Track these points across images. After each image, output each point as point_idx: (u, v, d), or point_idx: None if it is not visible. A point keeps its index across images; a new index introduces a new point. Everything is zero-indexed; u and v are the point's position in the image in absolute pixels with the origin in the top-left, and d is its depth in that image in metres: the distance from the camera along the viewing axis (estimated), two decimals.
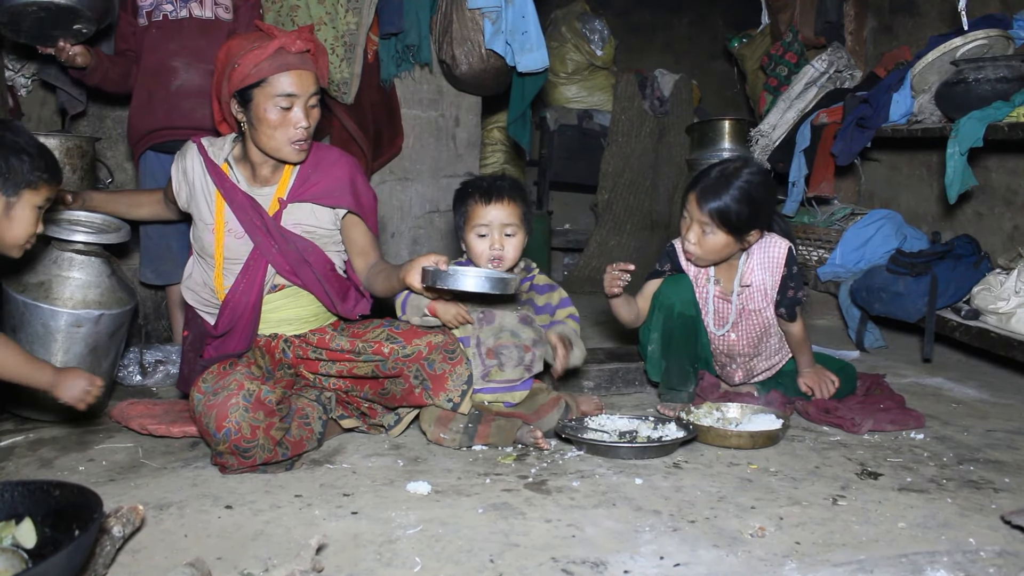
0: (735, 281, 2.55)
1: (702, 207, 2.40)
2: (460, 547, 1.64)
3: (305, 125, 2.18)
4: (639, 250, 5.25)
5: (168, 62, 2.94)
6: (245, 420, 2.00)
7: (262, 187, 2.30)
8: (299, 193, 2.28)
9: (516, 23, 3.49)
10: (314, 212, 2.30)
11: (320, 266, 2.30)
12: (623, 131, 5.24)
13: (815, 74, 4.23)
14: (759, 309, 2.54)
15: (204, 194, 2.29)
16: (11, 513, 1.44)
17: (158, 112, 2.94)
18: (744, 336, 2.58)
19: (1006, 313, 2.83)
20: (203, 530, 1.71)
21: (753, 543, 1.67)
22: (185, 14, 2.95)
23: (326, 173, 2.30)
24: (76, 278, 2.46)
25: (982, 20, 3.34)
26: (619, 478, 2.03)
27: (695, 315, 2.53)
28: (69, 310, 2.41)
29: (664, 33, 6.51)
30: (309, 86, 2.17)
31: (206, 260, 2.31)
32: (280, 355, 2.31)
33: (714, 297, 2.57)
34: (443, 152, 3.89)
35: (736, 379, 2.69)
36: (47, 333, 2.41)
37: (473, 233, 2.35)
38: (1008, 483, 2.01)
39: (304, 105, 2.17)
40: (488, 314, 2.37)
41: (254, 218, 2.25)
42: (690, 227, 2.47)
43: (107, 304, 2.48)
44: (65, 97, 3.40)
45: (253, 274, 2.26)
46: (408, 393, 2.26)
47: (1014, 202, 3.53)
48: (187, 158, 2.33)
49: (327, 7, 3.43)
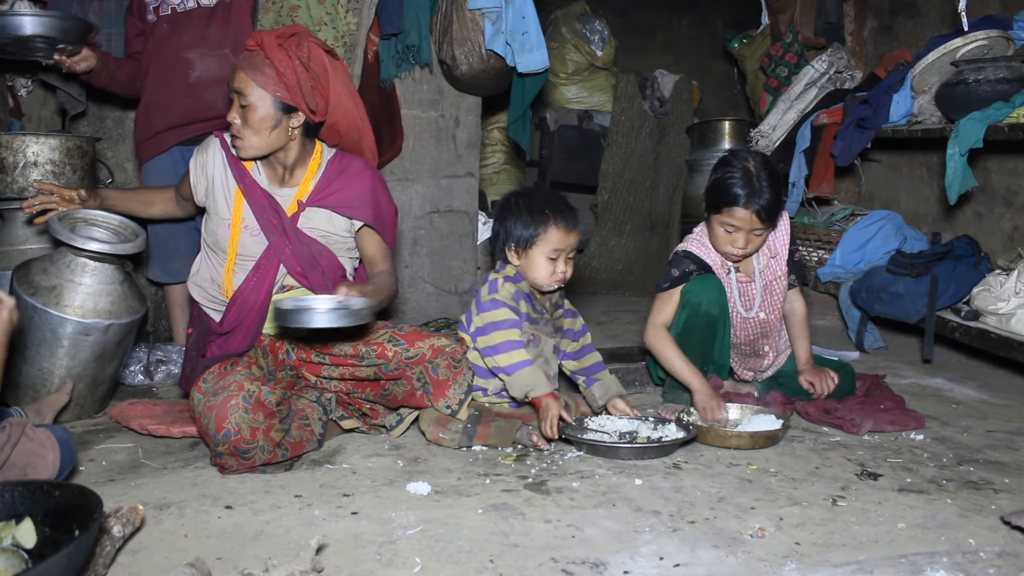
0: (754, 259, 2.58)
1: (761, 216, 2.41)
2: (460, 547, 1.64)
3: (229, 118, 2.20)
4: (639, 250, 5.25)
5: (183, 55, 2.92)
6: (245, 421, 2.00)
7: (282, 187, 2.31)
8: (319, 198, 2.29)
9: (516, 23, 3.49)
10: (331, 218, 2.31)
11: (331, 271, 2.31)
12: (623, 131, 5.24)
13: (815, 75, 4.23)
14: (779, 278, 2.60)
15: (223, 189, 2.30)
16: (11, 513, 1.44)
17: (180, 106, 2.92)
18: (771, 311, 2.62)
19: (1006, 314, 2.83)
20: (203, 530, 1.71)
21: (753, 543, 1.67)
22: (193, 4, 2.94)
23: (348, 183, 2.31)
24: (88, 284, 2.44)
25: (982, 21, 3.34)
26: (619, 478, 2.03)
27: (718, 316, 2.51)
28: (78, 319, 2.39)
29: (664, 34, 6.51)
30: (234, 81, 2.18)
31: (217, 255, 2.31)
32: (283, 356, 2.31)
33: (737, 282, 2.59)
34: (443, 152, 3.88)
35: (767, 361, 2.71)
36: (54, 339, 2.40)
37: (542, 255, 2.34)
38: (1008, 484, 2.01)
39: (234, 100, 2.19)
40: (536, 337, 2.39)
41: (271, 216, 2.26)
42: (742, 238, 2.46)
43: (117, 313, 2.46)
44: (65, 97, 3.41)
45: (264, 273, 2.27)
46: (410, 395, 2.26)
47: (1014, 203, 3.53)
48: (208, 152, 2.33)
49: (327, 7, 3.43)
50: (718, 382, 2.62)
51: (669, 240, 5.25)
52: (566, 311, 2.56)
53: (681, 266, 2.59)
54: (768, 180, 2.42)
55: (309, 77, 2.19)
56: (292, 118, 2.21)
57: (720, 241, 2.51)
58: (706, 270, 2.58)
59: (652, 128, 5.28)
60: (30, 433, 1.74)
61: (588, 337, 2.59)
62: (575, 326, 2.56)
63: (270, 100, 2.16)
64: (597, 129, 5.34)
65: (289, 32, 2.21)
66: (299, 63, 2.18)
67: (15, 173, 2.80)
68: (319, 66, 2.22)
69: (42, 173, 2.82)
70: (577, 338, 2.56)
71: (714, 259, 2.58)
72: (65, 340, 2.40)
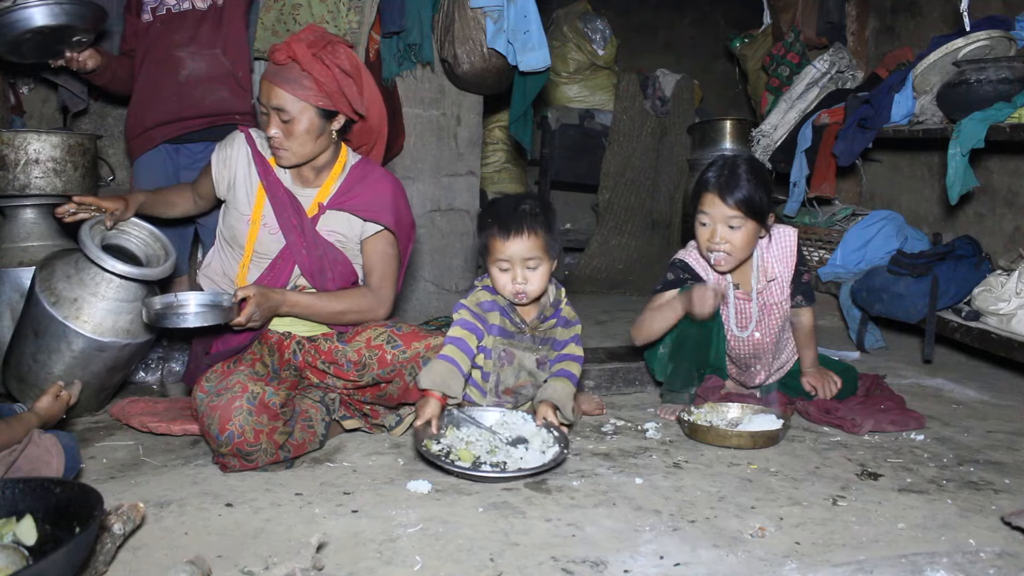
0: (752, 279, 2.55)
1: (728, 201, 2.39)
2: (460, 546, 1.64)
3: (270, 134, 2.18)
4: (640, 250, 5.25)
5: (174, 53, 2.93)
6: (249, 424, 1.99)
7: (304, 187, 2.31)
8: (340, 202, 2.30)
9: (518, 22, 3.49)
10: (350, 222, 2.32)
11: (343, 277, 2.32)
12: (624, 131, 5.24)
13: (817, 74, 4.23)
14: (779, 302, 2.56)
15: (245, 184, 2.30)
16: (12, 510, 1.44)
17: (168, 103, 2.93)
18: (768, 333, 2.58)
19: (1007, 314, 2.83)
20: (203, 528, 1.72)
21: (753, 543, 1.67)
22: (188, 6, 2.95)
23: (370, 187, 2.32)
24: (110, 300, 2.39)
25: (984, 21, 3.34)
26: (619, 478, 2.03)
27: (712, 323, 2.50)
28: (96, 336, 2.36)
29: (666, 33, 6.51)
30: (271, 99, 2.15)
31: (234, 250, 2.31)
32: (289, 355, 2.31)
33: (735, 299, 2.56)
34: (444, 151, 3.88)
35: (758, 380, 2.68)
36: (68, 350, 2.37)
37: (495, 267, 2.22)
38: (1008, 484, 2.01)
39: (272, 116, 2.17)
40: (509, 353, 2.30)
41: (292, 216, 2.26)
42: (714, 231, 2.44)
43: (135, 332, 2.44)
44: (67, 95, 3.41)
45: (279, 272, 2.27)
46: (404, 391, 2.25)
47: (1015, 203, 3.53)
48: (233, 147, 2.33)
49: (329, 6, 3.43)
50: (718, 382, 2.61)
51: (670, 240, 5.25)
52: (561, 319, 2.36)
53: (675, 272, 2.59)
54: (747, 173, 2.40)
55: (351, 81, 2.20)
56: (334, 122, 2.24)
57: (699, 240, 2.49)
58: (699, 280, 2.55)
59: (653, 127, 5.28)
60: (36, 439, 1.76)
61: (572, 348, 2.35)
62: (565, 336, 2.36)
63: (313, 111, 2.17)
64: (598, 128, 5.34)
65: (321, 41, 2.18)
66: (338, 70, 2.18)
67: (16, 170, 2.80)
68: (354, 66, 2.23)
69: (43, 170, 2.82)
70: (560, 348, 2.35)
71: (708, 274, 2.57)
72: (79, 353, 2.38)
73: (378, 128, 2.41)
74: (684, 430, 2.37)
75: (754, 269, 2.54)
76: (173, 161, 2.99)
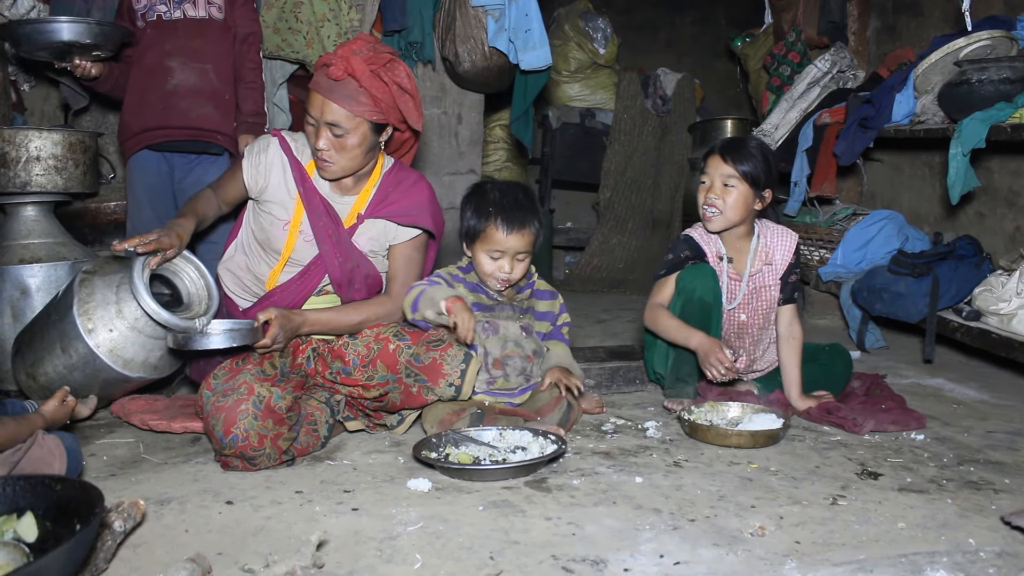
0: (748, 259, 2.59)
1: (727, 159, 2.51)
2: (460, 544, 1.64)
3: (318, 146, 2.15)
4: (641, 248, 5.25)
5: (164, 62, 2.95)
6: (254, 428, 1.99)
7: (342, 195, 2.31)
8: (377, 209, 2.30)
9: (519, 21, 3.49)
10: (385, 229, 2.32)
11: (370, 289, 2.33)
12: (625, 130, 5.24)
13: (818, 74, 4.23)
14: (768, 286, 2.60)
15: (282, 191, 2.28)
16: (12, 507, 1.44)
17: (153, 111, 2.95)
18: (753, 316, 2.61)
19: (1007, 314, 2.83)
20: (204, 525, 1.72)
21: (753, 542, 1.67)
22: (179, 15, 2.96)
23: (405, 193, 2.32)
24: (145, 336, 2.34)
25: (986, 21, 3.33)
26: (619, 476, 2.03)
27: (712, 303, 2.52)
28: (125, 372, 2.33)
29: (667, 32, 6.51)
30: (326, 114, 2.12)
31: (267, 252, 2.30)
32: (302, 360, 2.31)
33: (727, 275, 2.59)
34: (445, 149, 3.88)
35: (740, 365, 2.67)
36: (95, 377, 2.33)
37: (485, 253, 2.35)
38: (1008, 484, 2.01)
39: (323, 129, 2.14)
40: (492, 324, 2.37)
41: (327, 225, 2.25)
42: (711, 187, 2.53)
43: (161, 368, 2.43)
44: (68, 92, 3.41)
45: (309, 279, 2.28)
46: (407, 395, 2.23)
47: (1016, 203, 3.53)
48: (269, 153, 2.30)
49: (330, 4, 3.43)
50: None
51: (671, 239, 5.25)
52: (538, 291, 2.51)
53: (677, 250, 2.63)
54: (753, 147, 2.52)
55: (408, 98, 2.18)
56: (383, 134, 2.24)
57: (698, 200, 2.58)
58: (701, 257, 2.59)
59: (654, 126, 5.28)
60: (40, 440, 1.77)
61: (565, 317, 2.55)
62: (553, 308, 2.53)
63: (367, 126, 2.16)
64: (599, 127, 5.35)
65: (379, 58, 2.14)
66: (396, 87, 2.16)
67: (17, 168, 2.80)
68: (412, 83, 2.21)
69: (44, 168, 2.82)
70: (555, 320, 2.52)
71: (710, 248, 2.60)
72: (103, 381, 2.35)
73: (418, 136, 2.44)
74: (684, 429, 2.37)
75: (752, 251, 2.59)
76: (168, 161, 3.00)
